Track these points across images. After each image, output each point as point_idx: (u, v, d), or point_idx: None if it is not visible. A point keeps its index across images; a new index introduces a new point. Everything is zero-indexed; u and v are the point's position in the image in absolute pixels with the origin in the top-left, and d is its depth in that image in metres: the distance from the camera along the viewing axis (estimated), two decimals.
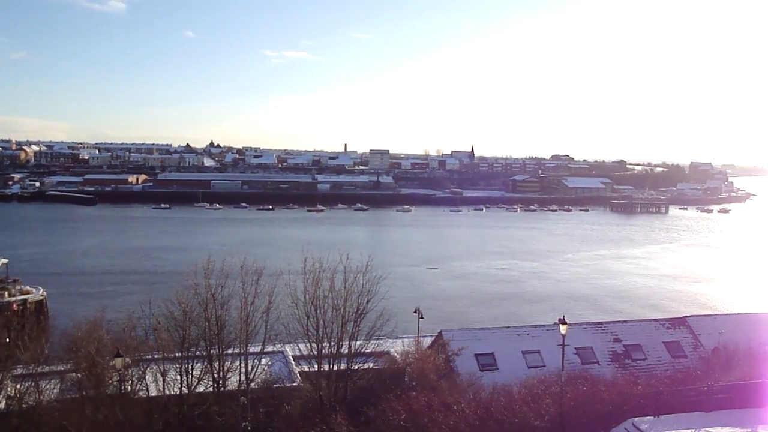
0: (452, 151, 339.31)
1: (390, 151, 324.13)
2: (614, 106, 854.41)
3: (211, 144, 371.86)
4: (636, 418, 25.72)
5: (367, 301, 30.56)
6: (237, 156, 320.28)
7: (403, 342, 38.97)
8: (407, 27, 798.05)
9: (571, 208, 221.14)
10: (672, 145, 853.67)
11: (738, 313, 51.96)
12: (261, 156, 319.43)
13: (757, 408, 24.44)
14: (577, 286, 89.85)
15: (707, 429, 21.50)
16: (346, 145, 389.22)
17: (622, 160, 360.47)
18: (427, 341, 41.47)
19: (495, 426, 25.07)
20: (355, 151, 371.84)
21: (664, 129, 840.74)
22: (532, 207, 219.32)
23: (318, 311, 30.18)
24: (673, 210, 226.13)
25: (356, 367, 30.82)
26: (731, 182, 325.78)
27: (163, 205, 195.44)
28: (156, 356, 29.12)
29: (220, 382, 29.27)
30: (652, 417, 25.76)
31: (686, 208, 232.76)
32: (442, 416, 25.03)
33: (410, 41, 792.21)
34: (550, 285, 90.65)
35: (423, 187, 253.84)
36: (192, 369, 29.05)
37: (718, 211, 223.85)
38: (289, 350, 35.10)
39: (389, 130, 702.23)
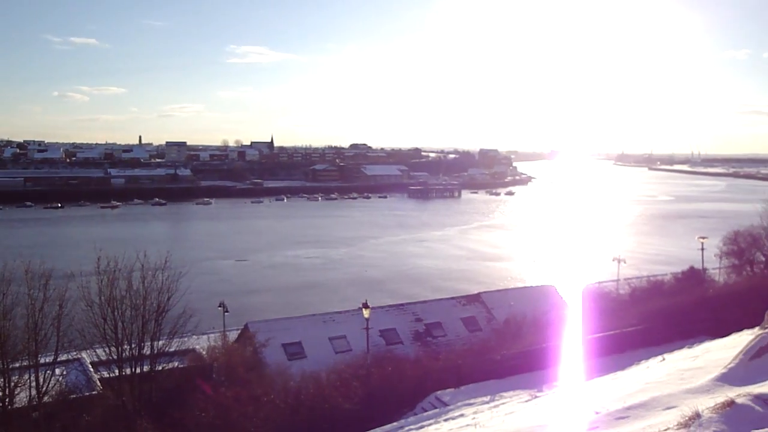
0: (252, 142, 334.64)
1: (187, 143, 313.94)
2: (409, 95, 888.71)
3: None
4: (439, 391, 27.06)
5: (168, 299, 29.44)
6: (18, 150, 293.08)
7: (209, 338, 38.10)
8: (203, 16, 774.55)
9: (370, 195, 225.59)
10: (463, 133, 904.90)
11: (524, 287, 56.44)
12: (46, 150, 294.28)
13: (542, 370, 26.65)
14: (380, 271, 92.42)
15: (501, 393, 23.06)
16: (140, 137, 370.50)
17: (417, 148, 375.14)
18: (233, 335, 40.90)
19: (306, 413, 25.25)
20: (151, 144, 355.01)
21: (456, 118, 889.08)
22: (332, 195, 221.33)
23: (116, 313, 28.61)
24: (466, 194, 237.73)
25: (160, 368, 29.62)
26: (515, 167, 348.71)
27: None
28: None
29: (7, 399, 26.80)
30: (453, 389, 27.23)
31: (477, 192, 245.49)
32: (252, 409, 24.78)
33: (207, 30, 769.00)
34: (355, 270, 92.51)
35: (223, 179, 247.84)
36: None
37: (505, 194, 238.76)
38: (86, 357, 32.81)
39: (186, 121, 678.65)
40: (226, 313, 44.87)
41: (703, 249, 53.36)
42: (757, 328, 13.67)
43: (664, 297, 39.68)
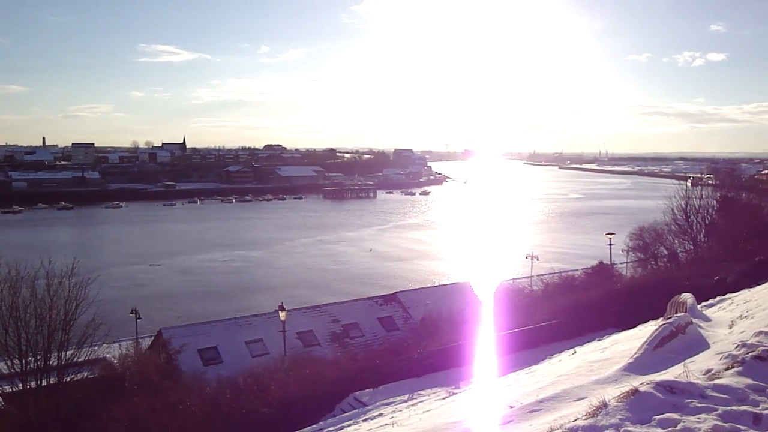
0: (163, 143, 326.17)
1: (95, 145, 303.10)
2: (323, 96, 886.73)
3: None
4: (357, 392, 27.02)
5: (76, 307, 28.34)
6: None
7: (120, 346, 36.86)
8: (109, 12, 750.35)
9: (285, 196, 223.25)
10: (377, 133, 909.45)
11: (440, 285, 57.07)
12: None
13: (459, 367, 26.98)
14: (297, 272, 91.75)
15: (419, 392, 23.19)
16: (44, 138, 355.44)
17: (332, 149, 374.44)
18: (147, 342, 39.81)
19: (223, 420, 24.77)
20: (56, 146, 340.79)
21: (371, 119, 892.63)
22: (247, 197, 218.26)
23: (19, 323, 27.33)
24: (381, 194, 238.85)
25: (68, 380, 28.48)
26: (430, 167, 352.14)
27: None
28: None
29: None
30: (372, 389, 27.23)
31: (392, 192, 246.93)
32: (167, 417, 24.13)
33: (114, 27, 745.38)
34: (272, 273, 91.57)
35: (133, 181, 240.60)
36: None
37: (420, 194, 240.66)
38: None
39: (94, 122, 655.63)
40: (138, 320, 43.63)
41: (611, 245, 55.30)
42: (660, 319, 14.20)
43: (575, 292, 40.79)
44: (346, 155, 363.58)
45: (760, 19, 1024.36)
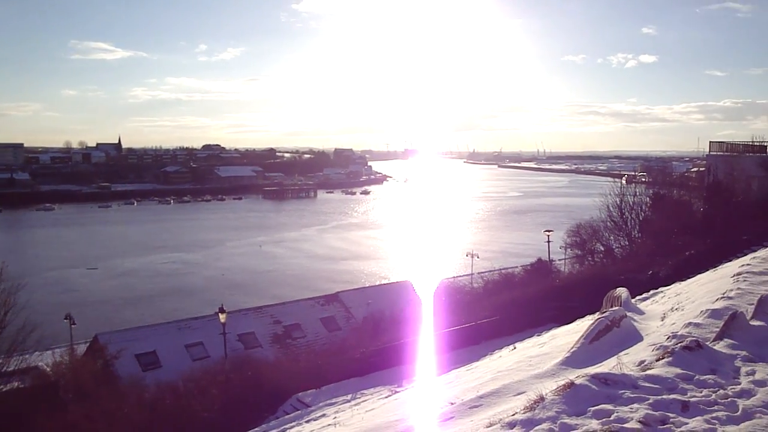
0: (98, 144, 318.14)
1: (25, 145, 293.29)
2: (263, 96, 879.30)
3: None
4: (300, 393, 26.91)
5: (6, 313, 27.44)
6: None
7: (54, 353, 35.80)
8: (36, 5, 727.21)
9: (224, 197, 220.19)
10: (317, 133, 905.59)
11: (382, 284, 57.30)
12: None
13: (401, 365, 27.10)
14: (238, 274, 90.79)
15: (362, 391, 23.21)
16: None
17: (272, 149, 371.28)
18: (83, 348, 38.80)
19: (162, 425, 24.36)
20: None
21: (310, 119, 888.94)
22: (185, 198, 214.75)
23: None
24: (322, 194, 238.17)
25: None
26: (370, 166, 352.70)
27: None
28: None
29: None
30: (314, 390, 27.16)
31: (333, 192, 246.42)
32: (104, 426, 23.58)
33: (42, 22, 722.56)
34: (212, 275, 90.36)
35: (66, 182, 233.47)
36: None
37: (361, 193, 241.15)
38: None
39: (24, 121, 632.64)
40: (73, 326, 42.44)
41: (549, 241, 56.32)
42: (597, 314, 14.54)
43: (514, 289, 41.38)
44: (286, 155, 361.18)
45: (687, 23, 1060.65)
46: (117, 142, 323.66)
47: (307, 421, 20.16)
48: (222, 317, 33.27)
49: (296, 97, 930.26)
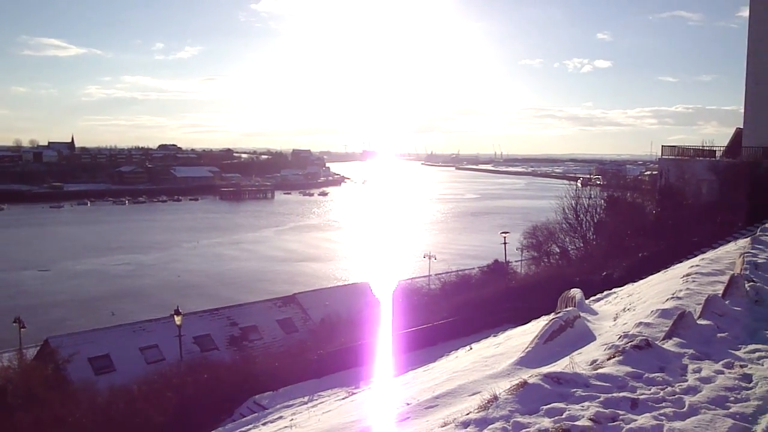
0: (49, 142, 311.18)
1: None
2: (220, 96, 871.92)
3: None
4: (257, 396, 26.78)
5: None
6: None
7: (2, 357, 35.04)
8: None
9: (180, 198, 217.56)
10: (275, 134, 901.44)
11: (339, 285, 57.25)
12: None
13: (358, 367, 27.15)
14: (194, 275, 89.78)
15: (319, 393, 23.20)
16: None
17: (229, 149, 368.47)
18: (33, 352, 37.99)
19: (116, 430, 24.02)
20: None
21: (268, 119, 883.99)
22: (141, 199, 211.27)
23: None
24: (279, 195, 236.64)
25: None
26: (328, 167, 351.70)
27: None
28: None
29: None
30: (271, 392, 27.05)
31: (290, 193, 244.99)
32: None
33: None
34: (167, 276, 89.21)
35: (15, 182, 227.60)
36: None
37: (318, 194, 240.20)
38: None
39: None
40: (22, 329, 41.48)
41: (505, 243, 56.84)
42: (552, 314, 14.76)
43: (471, 290, 41.75)
44: (243, 155, 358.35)
45: (641, 30, 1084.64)
46: (70, 141, 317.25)
47: (264, 424, 20.09)
48: (177, 319, 32.94)
49: (255, 97, 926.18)
